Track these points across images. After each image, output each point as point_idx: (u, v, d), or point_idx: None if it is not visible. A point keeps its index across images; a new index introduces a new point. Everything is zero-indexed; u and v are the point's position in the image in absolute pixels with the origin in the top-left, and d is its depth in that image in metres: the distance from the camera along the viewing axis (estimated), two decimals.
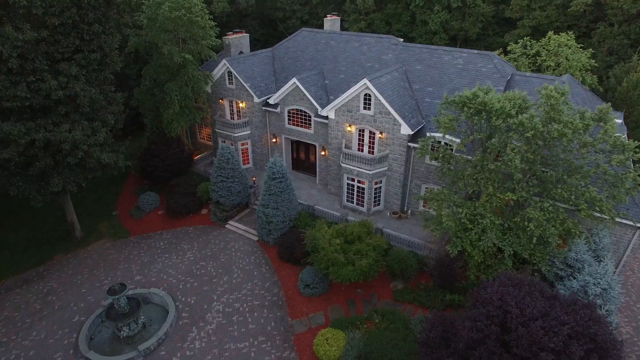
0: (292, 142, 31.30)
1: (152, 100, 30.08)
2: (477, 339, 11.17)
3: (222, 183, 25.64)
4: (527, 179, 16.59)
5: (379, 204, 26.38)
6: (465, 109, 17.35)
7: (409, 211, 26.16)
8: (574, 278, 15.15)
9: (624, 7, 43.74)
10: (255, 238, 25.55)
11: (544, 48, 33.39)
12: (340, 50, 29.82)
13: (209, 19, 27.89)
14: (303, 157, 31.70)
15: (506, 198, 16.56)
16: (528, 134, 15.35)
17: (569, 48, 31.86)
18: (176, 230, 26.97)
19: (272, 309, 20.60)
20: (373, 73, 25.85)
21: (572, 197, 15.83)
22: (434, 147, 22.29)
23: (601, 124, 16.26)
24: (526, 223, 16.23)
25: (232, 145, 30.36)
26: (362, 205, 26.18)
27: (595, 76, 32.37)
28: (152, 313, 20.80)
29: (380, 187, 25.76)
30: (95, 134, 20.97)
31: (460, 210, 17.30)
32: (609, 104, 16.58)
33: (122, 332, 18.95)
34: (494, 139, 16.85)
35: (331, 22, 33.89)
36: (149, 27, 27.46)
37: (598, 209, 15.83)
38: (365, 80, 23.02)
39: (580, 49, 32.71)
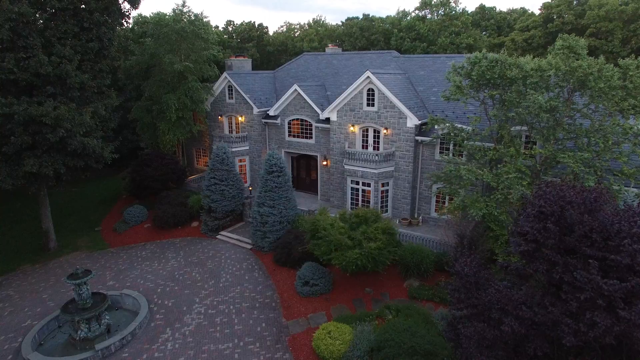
0: (293, 158, 29.81)
1: (149, 117, 29.36)
2: (528, 253, 8.40)
3: (215, 186, 23.55)
4: (554, 129, 14.64)
5: (386, 211, 23.88)
6: (477, 67, 16.12)
7: (420, 217, 23.56)
8: None
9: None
10: (249, 246, 22.67)
11: None
12: (342, 66, 29.88)
13: (212, 32, 28.40)
14: (304, 175, 29.93)
15: (533, 153, 14.48)
16: (549, 73, 13.84)
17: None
18: (162, 242, 24.18)
19: (264, 310, 17.17)
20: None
21: (609, 144, 13.75)
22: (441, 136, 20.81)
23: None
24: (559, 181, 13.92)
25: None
26: None
27: None
28: (121, 318, 17.32)
29: (387, 191, 23.55)
30: (82, 115, 19.63)
31: (481, 172, 15.08)
32: (632, 55, 15.36)
33: (79, 333, 15.46)
34: (510, 93, 15.32)
35: (332, 51, 34.57)
36: (153, 43, 27.85)
37: None
38: (368, 73, 22.31)
39: None
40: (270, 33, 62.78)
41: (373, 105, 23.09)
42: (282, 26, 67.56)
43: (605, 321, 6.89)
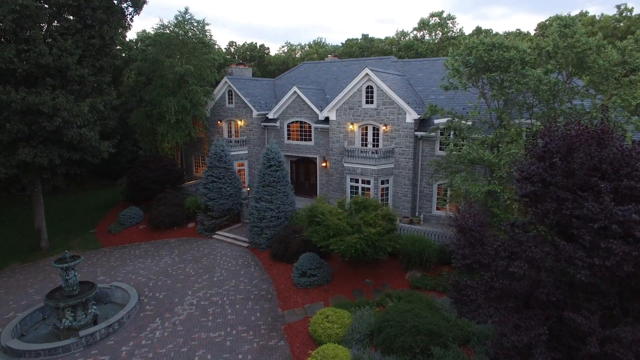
0: (292, 162, 29.57)
1: (149, 121, 29.40)
2: (535, 195, 7.93)
3: (213, 184, 23.18)
4: (555, 112, 14.43)
5: None
6: (474, 51, 16.13)
7: (422, 216, 23.00)
8: None
9: None
10: (245, 244, 22.02)
11: None
12: (342, 72, 30.20)
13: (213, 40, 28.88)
14: (303, 179, 29.58)
15: (534, 130, 14.18)
16: (548, 48, 13.77)
17: None
18: (156, 241, 23.54)
19: (259, 301, 16.38)
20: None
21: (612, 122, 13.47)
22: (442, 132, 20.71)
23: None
24: None
25: None
26: None
27: None
28: (110, 312, 16.45)
29: (387, 188, 23.11)
30: (79, 106, 19.53)
31: (482, 151, 14.75)
32: (631, 38, 15.37)
33: (63, 321, 14.65)
34: (509, 74, 15.22)
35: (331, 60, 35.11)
36: (155, 49, 28.27)
37: None
38: (366, 70, 22.43)
39: None
40: (272, 54, 64.18)
41: (372, 102, 23.07)
42: (283, 46, 69.28)
43: (622, 248, 6.37)
